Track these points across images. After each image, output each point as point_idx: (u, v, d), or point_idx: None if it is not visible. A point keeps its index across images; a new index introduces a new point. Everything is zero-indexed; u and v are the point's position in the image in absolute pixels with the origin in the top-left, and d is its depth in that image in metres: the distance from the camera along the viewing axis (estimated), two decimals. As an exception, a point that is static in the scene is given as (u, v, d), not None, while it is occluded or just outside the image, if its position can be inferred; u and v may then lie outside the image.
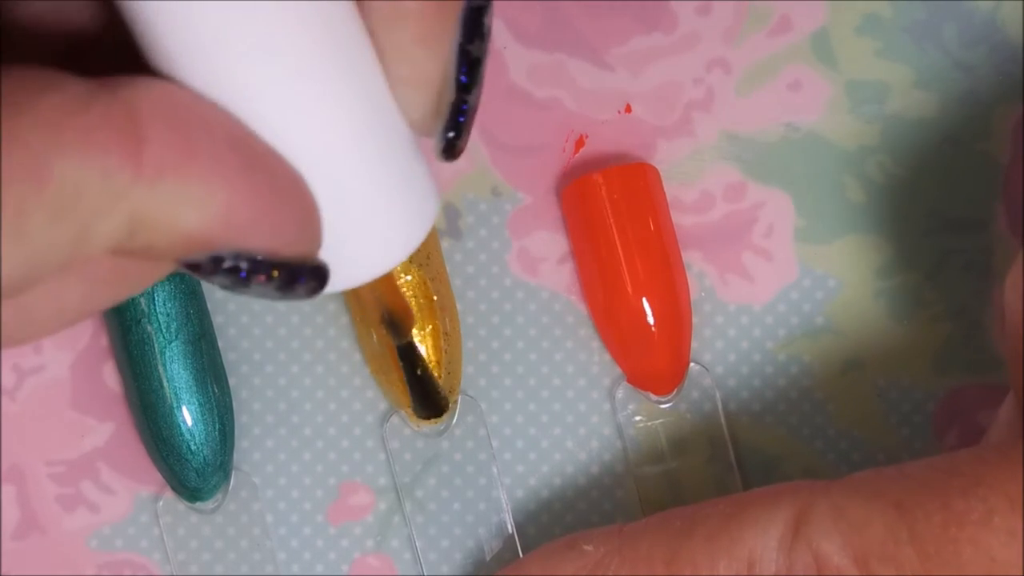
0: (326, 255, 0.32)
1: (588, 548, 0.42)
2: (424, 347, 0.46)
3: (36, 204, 0.28)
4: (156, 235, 0.30)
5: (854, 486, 0.38)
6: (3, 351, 0.47)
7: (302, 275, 0.31)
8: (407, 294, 0.46)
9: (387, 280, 0.36)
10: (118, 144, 0.28)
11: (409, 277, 0.46)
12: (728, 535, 0.39)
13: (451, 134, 0.33)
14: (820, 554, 0.38)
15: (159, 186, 0.29)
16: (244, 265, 0.31)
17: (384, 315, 0.37)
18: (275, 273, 0.31)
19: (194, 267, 0.31)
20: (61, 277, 0.31)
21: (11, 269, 0.28)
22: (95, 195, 0.28)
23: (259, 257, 0.31)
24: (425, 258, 0.46)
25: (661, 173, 0.47)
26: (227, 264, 0.31)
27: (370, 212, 0.33)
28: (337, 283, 0.33)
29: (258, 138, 0.31)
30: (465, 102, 0.33)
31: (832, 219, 0.48)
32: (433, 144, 0.34)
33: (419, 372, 0.41)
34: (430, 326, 0.46)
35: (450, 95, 0.33)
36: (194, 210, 0.30)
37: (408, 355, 0.41)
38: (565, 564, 0.42)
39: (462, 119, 0.33)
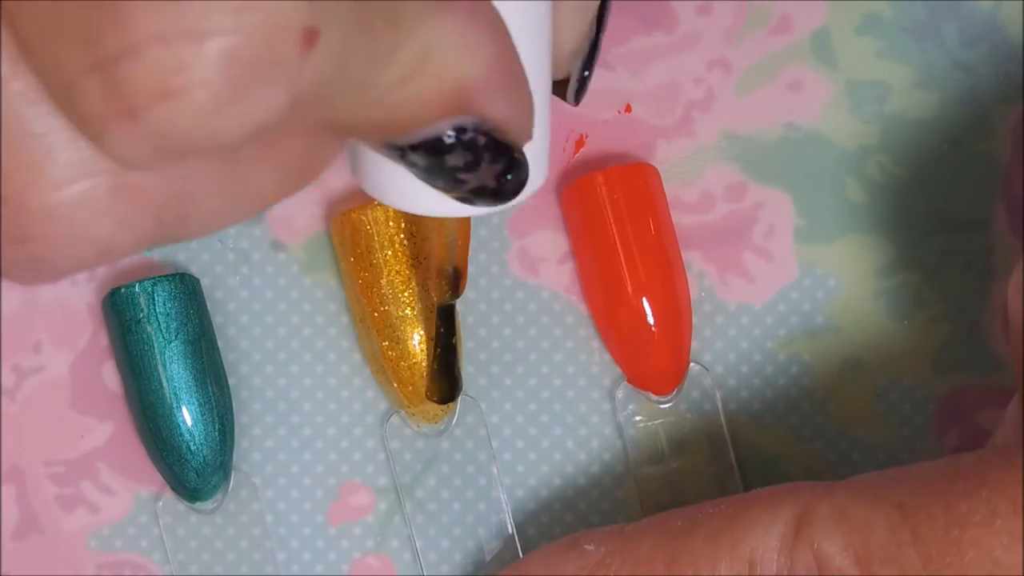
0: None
1: (589, 548, 0.42)
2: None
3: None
4: (432, 80, 0.30)
5: (856, 488, 0.38)
6: (4, 348, 0.47)
7: (516, 166, 0.32)
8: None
9: (466, 230, 0.38)
10: None
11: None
12: (729, 536, 0.39)
13: (586, 72, 0.37)
14: (822, 555, 0.38)
15: (450, 20, 0.30)
16: (481, 141, 0.31)
17: (448, 266, 0.38)
18: (502, 154, 0.32)
19: (434, 143, 0.31)
20: (259, 164, 0.31)
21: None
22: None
23: (495, 134, 0.31)
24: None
25: (661, 173, 0.47)
26: (468, 136, 0.31)
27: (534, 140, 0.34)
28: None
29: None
30: (599, 40, 0.37)
31: (832, 219, 0.48)
32: (569, 86, 0.37)
33: (453, 340, 0.43)
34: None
35: (591, 32, 0.36)
36: (470, 56, 0.30)
37: (449, 318, 0.42)
38: (566, 564, 0.42)
39: (594, 59, 0.37)
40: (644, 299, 0.46)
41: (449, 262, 0.39)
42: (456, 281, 0.39)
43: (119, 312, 0.45)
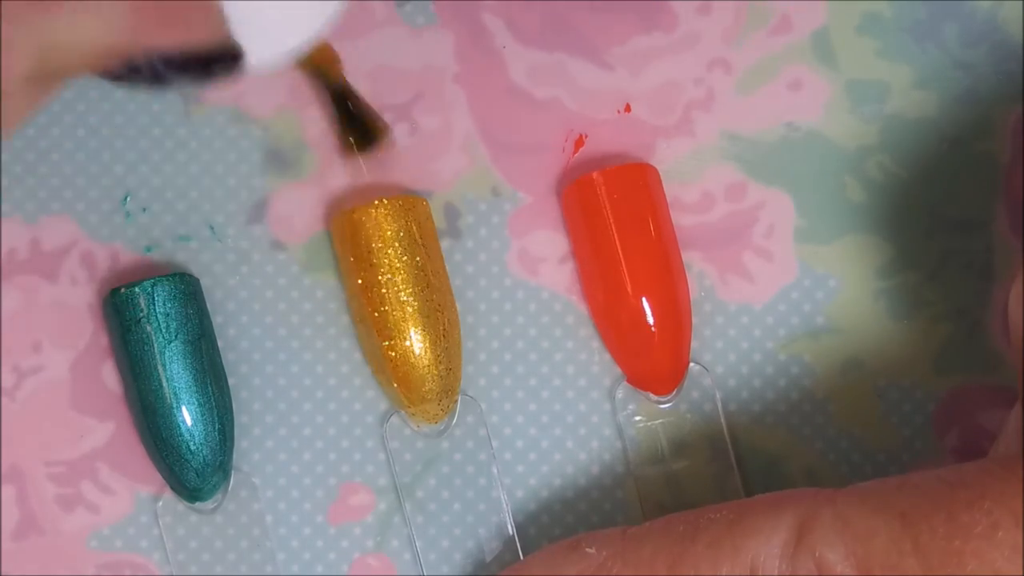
0: (251, 25, 0.34)
1: (591, 551, 0.42)
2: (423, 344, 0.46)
3: None
4: (67, 55, 0.31)
5: (858, 495, 0.38)
6: (4, 348, 0.47)
7: (214, 59, 0.33)
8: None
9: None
10: None
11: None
12: (731, 541, 0.39)
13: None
14: (823, 563, 0.38)
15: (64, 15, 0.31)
16: (159, 65, 0.32)
17: (306, 61, 0.39)
18: (187, 63, 0.33)
19: (115, 77, 0.33)
20: None
21: None
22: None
23: (171, 54, 0.32)
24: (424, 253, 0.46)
25: (661, 173, 0.47)
26: (143, 70, 0.32)
27: None
28: (260, 58, 0.35)
29: None
30: None
31: (832, 219, 0.48)
32: None
33: (352, 106, 0.42)
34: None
35: None
36: (102, 25, 0.31)
37: (346, 93, 0.41)
38: (567, 566, 0.42)
39: None
40: (644, 299, 0.46)
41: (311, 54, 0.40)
42: (318, 68, 0.39)
43: (119, 312, 0.45)
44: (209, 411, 0.45)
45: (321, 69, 0.39)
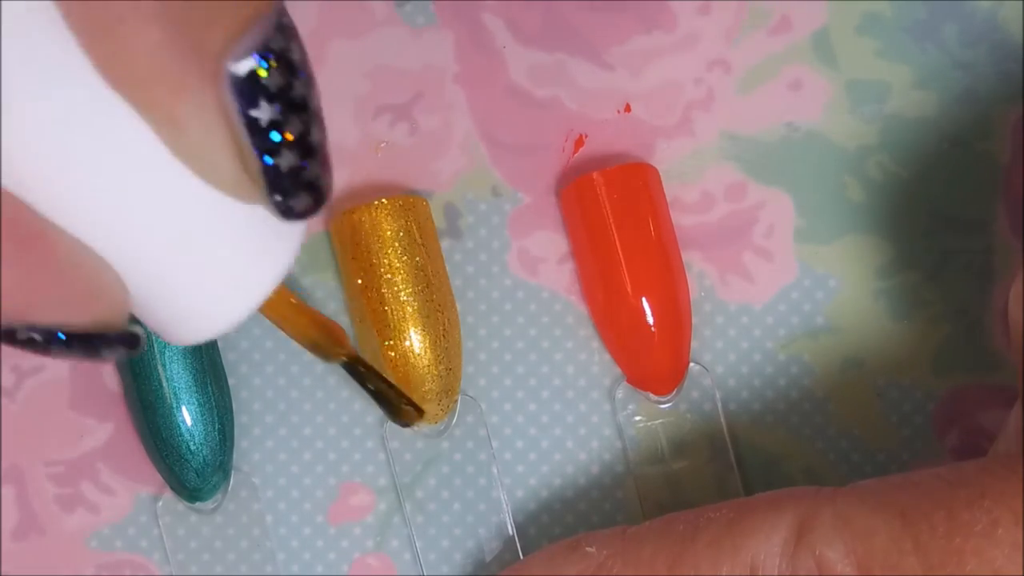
0: (162, 314, 0.32)
1: (591, 550, 0.42)
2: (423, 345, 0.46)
3: None
4: None
5: (859, 494, 0.38)
6: (4, 348, 0.47)
7: (102, 342, 0.32)
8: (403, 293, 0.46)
9: (291, 315, 0.36)
10: None
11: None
12: (731, 540, 0.39)
13: (277, 197, 0.31)
14: (823, 562, 0.38)
15: None
16: (37, 337, 0.31)
17: (305, 340, 0.37)
18: (70, 342, 0.31)
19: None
20: None
21: None
22: None
23: (50, 329, 0.31)
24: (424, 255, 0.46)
25: (661, 173, 0.47)
26: (20, 336, 0.31)
27: (191, 276, 0.32)
28: (183, 338, 0.33)
29: (34, 220, 0.30)
30: (274, 166, 0.31)
31: (832, 219, 0.48)
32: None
33: (371, 387, 0.40)
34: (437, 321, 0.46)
35: (252, 162, 0.31)
36: None
37: (353, 372, 0.39)
38: (567, 566, 0.42)
39: (280, 180, 0.31)
40: (644, 299, 0.46)
41: (304, 338, 0.37)
42: (319, 350, 0.38)
43: (119, 312, 0.45)
44: (209, 411, 0.45)
45: (316, 345, 0.37)
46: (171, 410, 0.45)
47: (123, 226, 0.31)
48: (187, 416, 0.45)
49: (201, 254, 0.32)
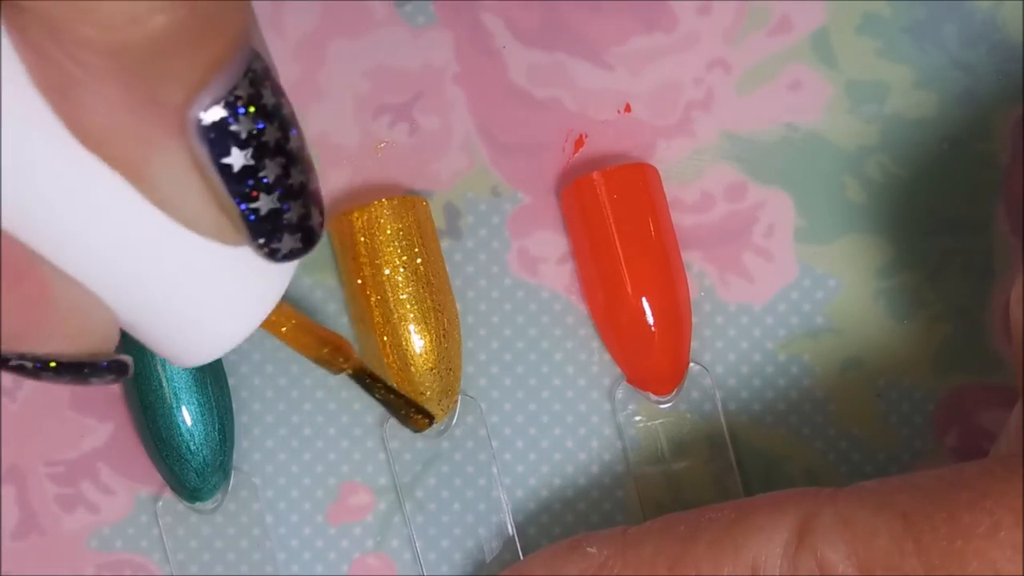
0: (159, 343, 0.33)
1: (591, 550, 0.42)
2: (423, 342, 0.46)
3: None
4: None
5: (860, 495, 0.38)
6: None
7: (91, 370, 0.32)
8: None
9: (295, 334, 0.36)
10: None
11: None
12: (732, 541, 0.39)
13: (260, 241, 0.32)
14: (825, 563, 0.38)
15: None
16: (28, 364, 0.32)
17: (312, 353, 0.37)
18: (60, 369, 0.32)
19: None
20: None
21: None
22: None
23: (41, 357, 0.32)
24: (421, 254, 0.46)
25: (661, 173, 0.47)
26: (12, 363, 0.32)
27: (184, 309, 0.33)
28: (183, 361, 0.34)
29: (27, 256, 0.31)
30: (252, 211, 0.31)
31: (832, 219, 0.48)
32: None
33: (379, 395, 0.40)
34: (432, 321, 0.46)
35: (231, 209, 0.31)
36: None
37: (360, 383, 0.40)
38: (568, 566, 0.42)
39: (261, 225, 0.31)
40: (644, 299, 0.46)
41: (309, 353, 0.37)
42: (327, 363, 0.38)
43: (119, 312, 0.45)
44: (209, 411, 0.45)
45: (323, 359, 0.37)
46: (171, 410, 0.45)
47: (112, 267, 0.31)
48: (187, 416, 0.45)
49: (192, 289, 0.32)
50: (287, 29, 0.48)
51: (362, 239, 0.46)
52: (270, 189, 0.31)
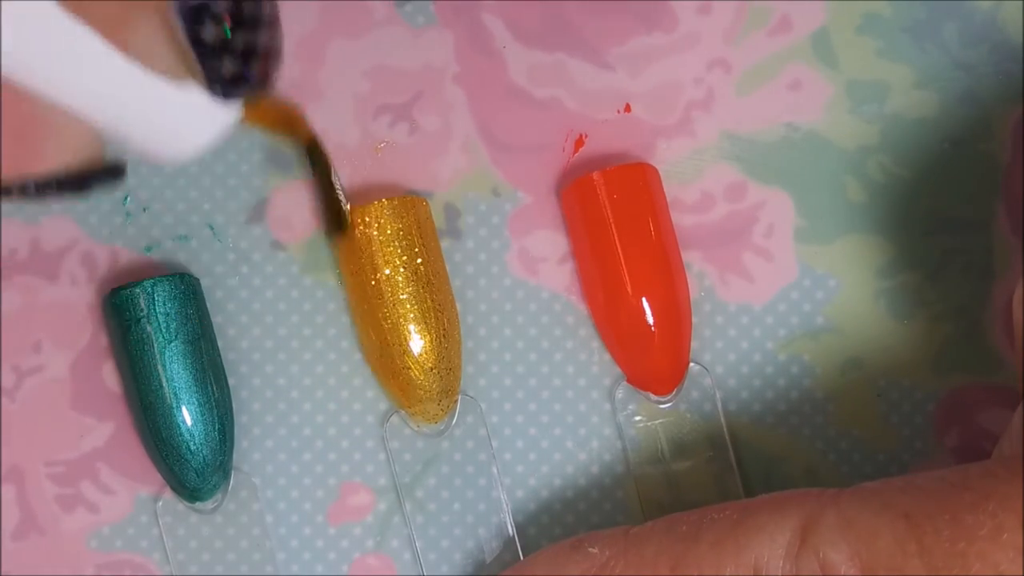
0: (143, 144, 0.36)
1: (593, 550, 0.42)
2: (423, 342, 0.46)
3: None
4: None
5: (863, 496, 0.38)
6: (4, 348, 0.47)
7: (92, 176, 0.34)
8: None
9: (259, 112, 0.38)
10: None
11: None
12: (735, 542, 0.39)
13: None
14: (827, 564, 0.38)
15: None
16: (31, 186, 0.34)
17: (284, 134, 0.39)
18: (61, 184, 0.34)
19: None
20: None
21: None
22: None
23: (41, 176, 0.34)
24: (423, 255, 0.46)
25: (661, 173, 0.47)
26: (15, 190, 0.34)
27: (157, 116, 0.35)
28: (170, 157, 0.36)
29: (15, 88, 0.33)
30: (215, 74, 0.34)
31: (832, 219, 0.48)
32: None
33: (316, 178, 0.40)
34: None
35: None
36: None
37: (309, 157, 0.40)
38: (570, 566, 0.42)
39: (223, 86, 0.34)
40: (644, 299, 0.46)
41: (279, 132, 0.39)
42: (291, 132, 0.39)
43: (119, 312, 0.45)
44: (209, 411, 0.45)
45: (288, 130, 0.39)
46: (171, 410, 0.45)
47: (95, 92, 0.34)
48: (187, 416, 0.45)
49: (164, 95, 0.35)
50: (287, 29, 0.48)
51: (362, 239, 0.46)
52: (225, 54, 0.34)
